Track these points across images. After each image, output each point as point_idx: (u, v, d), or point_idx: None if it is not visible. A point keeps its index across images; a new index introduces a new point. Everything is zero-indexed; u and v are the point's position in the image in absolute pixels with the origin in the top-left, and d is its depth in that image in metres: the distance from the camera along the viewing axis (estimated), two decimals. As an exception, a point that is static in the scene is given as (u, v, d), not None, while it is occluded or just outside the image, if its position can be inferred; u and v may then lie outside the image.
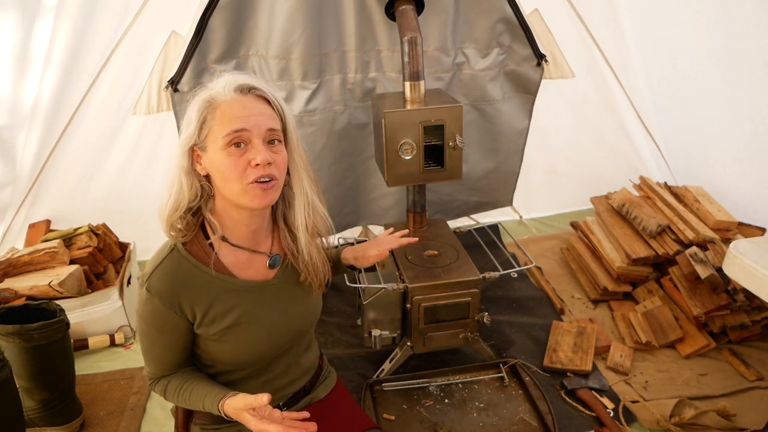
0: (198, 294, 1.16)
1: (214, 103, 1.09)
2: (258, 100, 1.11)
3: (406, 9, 2.06)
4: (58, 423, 1.83)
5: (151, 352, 1.21)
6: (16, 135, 2.39)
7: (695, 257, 2.16)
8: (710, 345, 2.11)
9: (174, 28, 2.29)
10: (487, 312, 1.94)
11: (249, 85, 1.10)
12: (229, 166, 1.08)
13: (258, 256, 1.24)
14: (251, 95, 1.10)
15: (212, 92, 1.10)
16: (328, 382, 1.49)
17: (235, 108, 1.08)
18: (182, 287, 1.14)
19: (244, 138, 1.08)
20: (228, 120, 1.07)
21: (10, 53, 2.22)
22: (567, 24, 2.64)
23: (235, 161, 1.08)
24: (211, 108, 1.09)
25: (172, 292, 1.13)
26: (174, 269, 1.14)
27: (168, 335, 1.17)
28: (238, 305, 1.20)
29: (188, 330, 1.18)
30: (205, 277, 1.16)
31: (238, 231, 1.20)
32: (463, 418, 1.83)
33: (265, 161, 1.08)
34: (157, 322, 1.15)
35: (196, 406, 1.19)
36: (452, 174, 2.04)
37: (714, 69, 2.61)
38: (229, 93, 1.09)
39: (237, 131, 1.07)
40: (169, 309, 1.13)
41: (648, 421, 1.79)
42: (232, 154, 1.08)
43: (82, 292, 2.22)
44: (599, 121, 3.00)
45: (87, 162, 2.59)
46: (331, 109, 2.42)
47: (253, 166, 1.08)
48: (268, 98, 1.12)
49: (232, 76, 1.11)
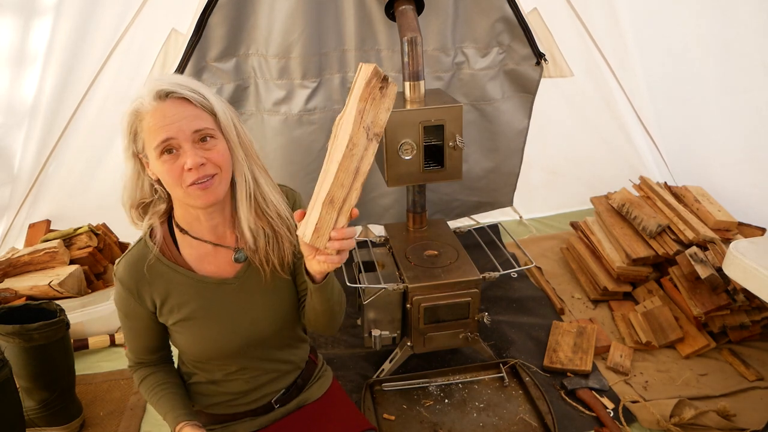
0: (157, 284, 1.21)
1: (140, 114, 1.09)
2: (178, 103, 1.09)
3: (406, 9, 2.06)
4: (58, 423, 1.83)
5: (127, 336, 1.30)
6: (16, 134, 2.39)
7: (695, 257, 2.16)
8: (710, 345, 2.11)
9: (174, 26, 2.29)
10: (487, 312, 1.94)
11: (165, 90, 1.08)
12: (166, 173, 1.09)
13: (222, 251, 1.24)
14: (170, 100, 1.08)
15: (136, 103, 1.09)
16: (322, 382, 1.49)
17: (157, 118, 1.07)
18: (142, 276, 1.20)
19: (173, 145, 1.08)
20: (153, 132, 1.07)
21: (9, 53, 2.21)
22: (566, 23, 2.64)
23: (170, 168, 1.09)
24: (138, 120, 1.09)
25: (133, 280, 1.20)
26: (137, 259, 1.20)
27: (133, 321, 1.25)
28: (193, 299, 1.22)
29: (150, 318, 1.24)
30: (164, 269, 1.21)
31: (199, 225, 1.22)
32: (463, 418, 1.83)
33: (195, 164, 1.08)
34: (124, 308, 1.24)
35: (159, 414, 1.27)
36: (452, 174, 2.04)
37: (713, 69, 2.61)
38: (150, 103, 1.08)
39: (163, 141, 1.07)
40: (130, 296, 1.21)
41: (648, 421, 1.79)
42: (166, 162, 1.09)
43: (82, 292, 2.23)
44: (599, 121, 3.00)
45: (87, 161, 2.59)
46: (330, 108, 2.42)
47: (186, 170, 1.08)
48: (187, 97, 1.09)
49: (153, 82, 1.09)
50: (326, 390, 1.48)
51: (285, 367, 1.39)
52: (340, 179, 0.96)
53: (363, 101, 0.94)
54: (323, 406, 1.44)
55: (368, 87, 0.94)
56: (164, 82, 1.09)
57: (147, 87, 1.09)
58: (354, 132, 0.95)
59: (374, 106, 0.96)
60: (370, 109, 0.95)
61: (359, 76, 0.95)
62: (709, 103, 2.70)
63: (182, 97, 1.09)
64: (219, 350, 1.26)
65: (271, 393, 1.37)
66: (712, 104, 2.69)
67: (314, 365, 1.50)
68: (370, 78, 0.93)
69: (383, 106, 0.97)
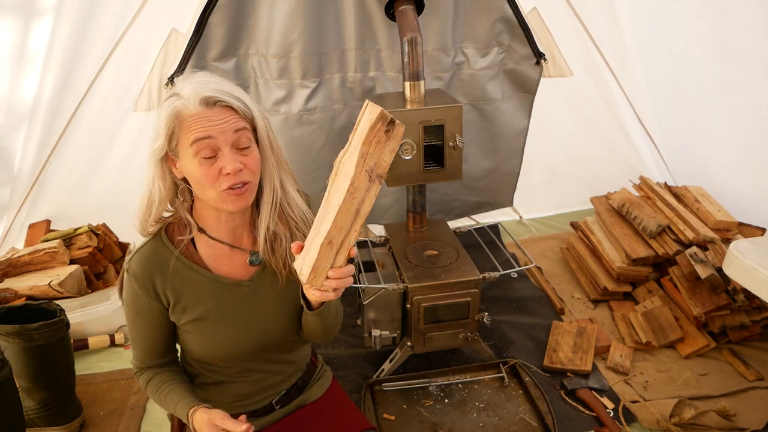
0: (172, 280, 1.20)
1: (181, 116, 1.09)
2: (224, 110, 1.10)
3: (406, 9, 2.06)
4: (58, 423, 1.83)
5: (134, 337, 1.26)
6: (16, 134, 2.39)
7: (695, 257, 2.16)
8: (710, 345, 2.11)
9: (174, 26, 2.28)
10: (487, 312, 1.94)
11: (214, 99, 1.09)
12: (202, 175, 1.10)
13: (238, 253, 1.25)
14: (217, 107, 1.10)
15: (178, 104, 1.09)
16: (322, 382, 1.49)
17: (200, 120, 1.08)
18: (158, 271, 1.19)
19: (213, 146, 1.09)
20: (194, 131, 1.08)
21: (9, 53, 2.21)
22: (565, 23, 2.64)
23: (207, 171, 1.09)
24: (178, 121, 1.09)
25: (147, 275, 1.18)
26: (152, 253, 1.20)
27: (145, 318, 1.22)
28: (208, 299, 1.22)
29: (163, 315, 1.23)
30: (180, 266, 1.20)
31: (218, 227, 1.22)
32: (463, 418, 1.83)
33: (235, 170, 1.09)
34: (136, 304, 1.21)
35: (169, 409, 1.24)
36: (452, 174, 2.04)
37: (713, 69, 2.61)
38: (195, 106, 1.08)
39: (203, 139, 1.08)
40: (144, 292, 1.19)
41: (648, 421, 1.79)
42: (203, 164, 1.09)
43: (82, 292, 2.22)
44: (598, 121, 3.00)
45: (87, 161, 2.59)
46: (330, 108, 2.42)
47: (224, 174, 1.09)
48: (233, 107, 1.11)
49: (197, 86, 1.10)
50: (326, 390, 1.48)
51: (289, 369, 1.39)
52: (339, 222, 0.95)
53: (366, 145, 0.91)
54: (323, 407, 1.44)
55: (373, 131, 0.90)
56: (210, 89, 1.09)
57: (191, 89, 1.09)
58: (356, 176, 0.92)
59: (378, 149, 0.92)
60: (373, 153, 0.92)
61: (363, 117, 0.92)
62: (709, 103, 2.70)
63: (228, 105, 1.11)
64: (229, 352, 1.26)
65: (273, 394, 1.37)
66: (712, 104, 2.69)
67: (314, 366, 1.50)
68: (376, 122, 0.90)
69: (388, 148, 0.93)
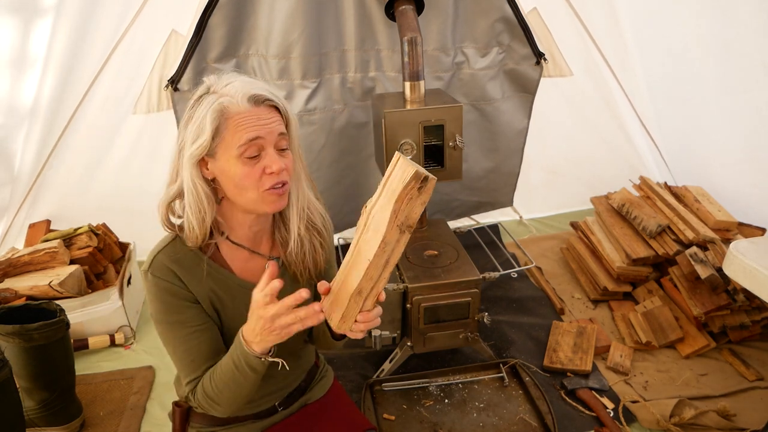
0: (197, 280, 1.16)
1: (227, 113, 1.07)
2: (270, 110, 1.11)
3: (406, 9, 2.06)
4: (58, 423, 1.83)
5: (178, 349, 1.16)
6: (16, 135, 2.39)
7: (695, 257, 2.16)
8: (710, 345, 2.11)
9: (174, 27, 2.29)
10: (487, 312, 1.94)
11: (263, 97, 1.09)
12: (246, 176, 1.08)
13: (257, 258, 1.24)
14: (264, 106, 1.10)
15: (224, 101, 1.07)
16: (324, 382, 1.49)
17: (250, 119, 1.07)
18: (183, 270, 1.15)
19: (259, 146, 1.09)
20: (243, 130, 1.07)
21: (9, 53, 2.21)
22: (565, 23, 2.64)
23: (250, 170, 1.08)
24: (224, 118, 1.07)
25: (174, 272, 1.14)
26: (175, 254, 1.16)
27: (183, 315, 1.15)
28: (234, 303, 1.21)
29: (203, 312, 1.17)
30: (205, 267, 1.17)
31: (241, 231, 1.21)
32: (463, 418, 1.83)
33: (280, 169, 1.09)
34: (169, 306, 1.14)
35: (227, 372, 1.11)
36: (452, 174, 2.04)
37: (713, 69, 2.61)
38: (243, 103, 1.07)
39: (253, 140, 1.07)
40: (175, 285, 1.14)
41: (648, 421, 1.79)
42: (246, 164, 1.08)
43: (82, 292, 2.22)
44: (598, 121, 3.00)
45: (87, 162, 2.59)
46: (330, 108, 2.42)
47: (268, 173, 1.09)
48: (278, 107, 1.12)
49: (243, 84, 1.09)
50: (327, 390, 1.48)
51: (294, 372, 1.39)
52: (370, 274, 0.96)
53: (399, 203, 0.91)
54: (324, 407, 1.44)
55: (406, 189, 0.90)
56: (259, 88, 1.10)
57: (236, 88, 1.08)
58: (388, 232, 0.92)
59: (410, 204, 0.92)
60: (405, 209, 0.92)
61: (395, 174, 0.91)
62: (709, 103, 2.70)
63: (274, 105, 1.11)
64: None
65: (276, 396, 1.37)
66: (712, 104, 2.69)
67: (316, 367, 1.50)
68: (410, 182, 0.89)
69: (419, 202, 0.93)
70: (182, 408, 1.34)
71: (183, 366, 1.18)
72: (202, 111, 1.07)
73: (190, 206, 1.12)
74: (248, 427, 1.35)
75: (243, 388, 1.11)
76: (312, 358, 1.47)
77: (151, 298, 1.16)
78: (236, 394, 1.13)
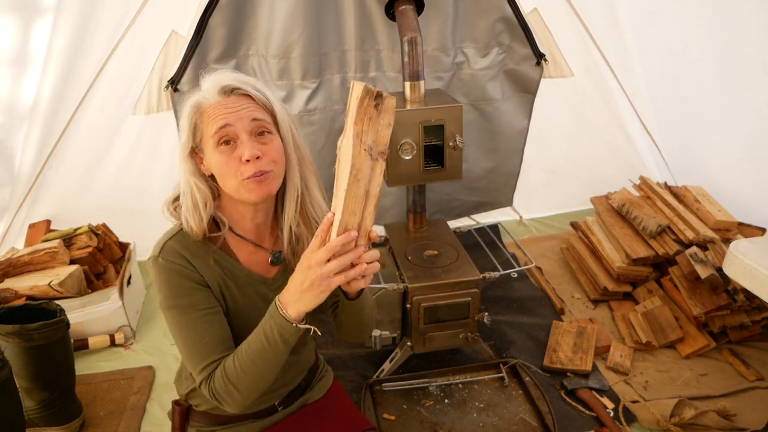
0: (206, 265, 1.16)
1: (201, 107, 1.12)
2: (241, 98, 1.13)
3: (406, 9, 2.06)
4: (58, 423, 1.83)
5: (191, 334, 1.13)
6: (16, 134, 2.39)
7: (695, 257, 2.16)
8: (710, 345, 2.11)
9: (174, 28, 2.29)
10: (487, 312, 1.94)
11: (231, 86, 1.12)
12: (223, 164, 1.11)
13: (261, 252, 1.25)
14: (234, 95, 1.13)
15: (198, 97, 1.13)
16: (323, 382, 1.49)
17: (219, 108, 1.11)
18: (192, 256, 1.15)
19: (231, 134, 1.10)
20: (213, 120, 1.10)
21: (9, 53, 2.21)
22: (566, 23, 2.64)
23: (227, 159, 1.10)
24: (199, 112, 1.13)
25: (184, 256, 1.14)
26: (184, 241, 1.16)
27: (194, 297, 1.13)
28: (239, 292, 1.21)
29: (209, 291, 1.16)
30: (213, 255, 1.18)
31: (244, 223, 1.22)
32: (463, 418, 1.83)
33: (252, 155, 1.09)
34: (180, 288, 1.13)
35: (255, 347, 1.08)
36: (452, 174, 2.04)
37: (713, 69, 2.61)
38: (213, 96, 1.12)
39: (221, 127, 1.09)
40: (187, 268, 1.13)
41: (648, 421, 1.79)
42: (223, 153, 1.11)
43: (82, 292, 2.22)
44: (599, 121, 3.00)
45: (87, 162, 2.59)
46: (330, 108, 2.42)
47: (243, 162, 1.10)
48: (250, 94, 1.14)
49: (215, 77, 1.13)
50: (327, 390, 1.48)
51: (294, 370, 1.39)
52: (350, 207, 0.94)
53: (359, 123, 0.90)
54: (324, 407, 1.44)
55: (362, 107, 0.90)
56: (229, 78, 1.12)
57: (210, 83, 1.13)
58: (355, 156, 0.91)
59: (372, 125, 0.91)
60: (368, 130, 0.91)
61: (351, 97, 0.92)
62: (709, 103, 2.70)
63: (245, 93, 1.13)
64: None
65: (276, 396, 1.37)
66: (712, 104, 2.69)
67: (316, 366, 1.50)
68: (362, 98, 0.89)
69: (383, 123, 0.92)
70: (182, 407, 1.34)
71: (195, 353, 1.13)
72: (183, 111, 1.14)
73: (186, 206, 1.15)
74: (248, 426, 1.35)
75: (269, 366, 1.08)
76: (312, 358, 1.47)
77: (160, 285, 1.14)
78: (259, 376, 1.09)
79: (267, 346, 1.07)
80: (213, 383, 1.11)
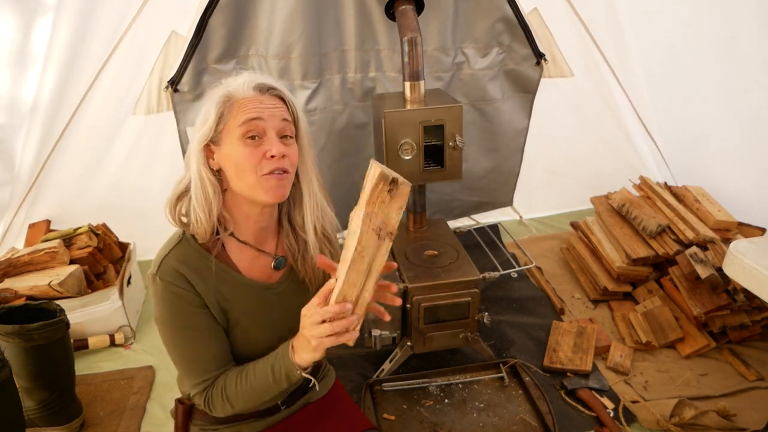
0: (205, 281, 1.15)
1: (232, 98, 1.12)
2: (274, 99, 1.14)
3: (406, 9, 2.06)
4: (58, 423, 1.83)
5: (187, 356, 1.16)
6: (16, 134, 2.39)
7: (695, 257, 2.16)
8: (710, 345, 2.11)
9: (174, 28, 2.29)
10: (487, 312, 1.94)
11: (268, 85, 1.14)
12: (246, 157, 1.10)
13: (263, 256, 1.25)
14: (269, 94, 1.14)
15: (230, 88, 1.13)
16: (325, 382, 1.49)
17: (252, 102, 1.11)
18: (191, 272, 1.14)
19: (259, 129, 1.11)
20: (244, 111, 1.10)
21: (9, 52, 2.21)
22: (566, 23, 2.64)
23: (251, 152, 1.10)
24: (229, 103, 1.12)
25: (184, 275, 1.13)
26: (183, 256, 1.15)
27: (192, 320, 1.14)
28: (241, 302, 1.21)
29: (212, 317, 1.17)
30: (217, 269, 1.17)
31: (246, 227, 1.21)
32: (463, 418, 1.83)
33: (280, 153, 1.10)
34: (179, 311, 1.13)
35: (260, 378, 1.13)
36: (452, 174, 2.04)
37: (713, 69, 2.61)
38: (248, 91, 1.12)
39: (252, 119, 1.10)
40: (185, 290, 1.13)
41: (648, 421, 1.79)
42: (248, 145, 1.10)
43: (82, 292, 2.22)
44: (599, 121, 3.00)
45: (87, 162, 2.59)
46: (330, 109, 2.42)
47: (268, 157, 1.10)
48: (284, 98, 1.16)
49: (250, 75, 1.15)
50: (329, 390, 1.48)
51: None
52: (351, 279, 0.97)
53: (371, 205, 0.93)
54: (326, 406, 1.44)
55: (375, 191, 0.92)
56: (266, 78, 1.15)
57: (246, 78, 1.14)
58: (362, 235, 0.93)
59: (383, 208, 0.94)
60: (378, 213, 0.94)
61: (368, 178, 0.94)
62: (709, 103, 2.70)
63: (279, 96, 1.15)
64: (253, 356, 1.22)
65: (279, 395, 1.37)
66: (712, 104, 2.69)
67: (318, 365, 1.50)
68: (377, 183, 0.91)
69: (394, 206, 0.95)
70: (185, 405, 1.34)
71: (189, 369, 1.18)
72: (209, 100, 1.13)
73: (196, 197, 1.13)
74: (251, 425, 1.35)
75: (268, 394, 1.15)
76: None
77: (158, 302, 1.14)
78: (257, 400, 1.17)
79: (272, 382, 1.13)
80: (210, 396, 1.18)
